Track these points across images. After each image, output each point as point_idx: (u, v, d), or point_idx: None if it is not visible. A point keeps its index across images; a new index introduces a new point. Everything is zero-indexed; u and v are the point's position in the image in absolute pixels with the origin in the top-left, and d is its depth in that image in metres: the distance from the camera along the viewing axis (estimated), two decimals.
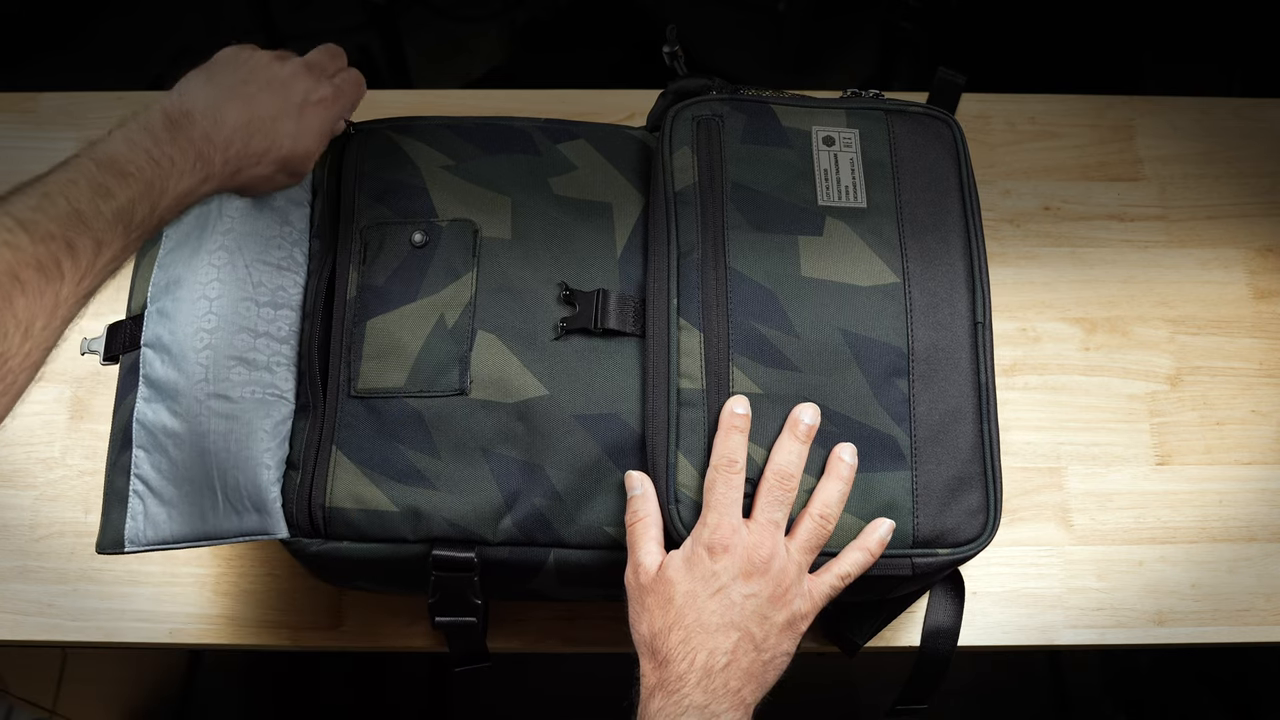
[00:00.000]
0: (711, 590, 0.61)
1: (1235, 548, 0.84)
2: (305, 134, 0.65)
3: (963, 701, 1.40)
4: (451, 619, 0.69)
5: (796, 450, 0.64)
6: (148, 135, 0.58)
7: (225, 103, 0.61)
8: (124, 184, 0.55)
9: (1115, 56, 1.58)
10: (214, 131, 0.60)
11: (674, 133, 0.73)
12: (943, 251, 0.70)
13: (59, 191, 0.54)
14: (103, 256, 0.54)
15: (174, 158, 0.58)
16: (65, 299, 0.52)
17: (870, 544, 0.64)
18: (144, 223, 0.56)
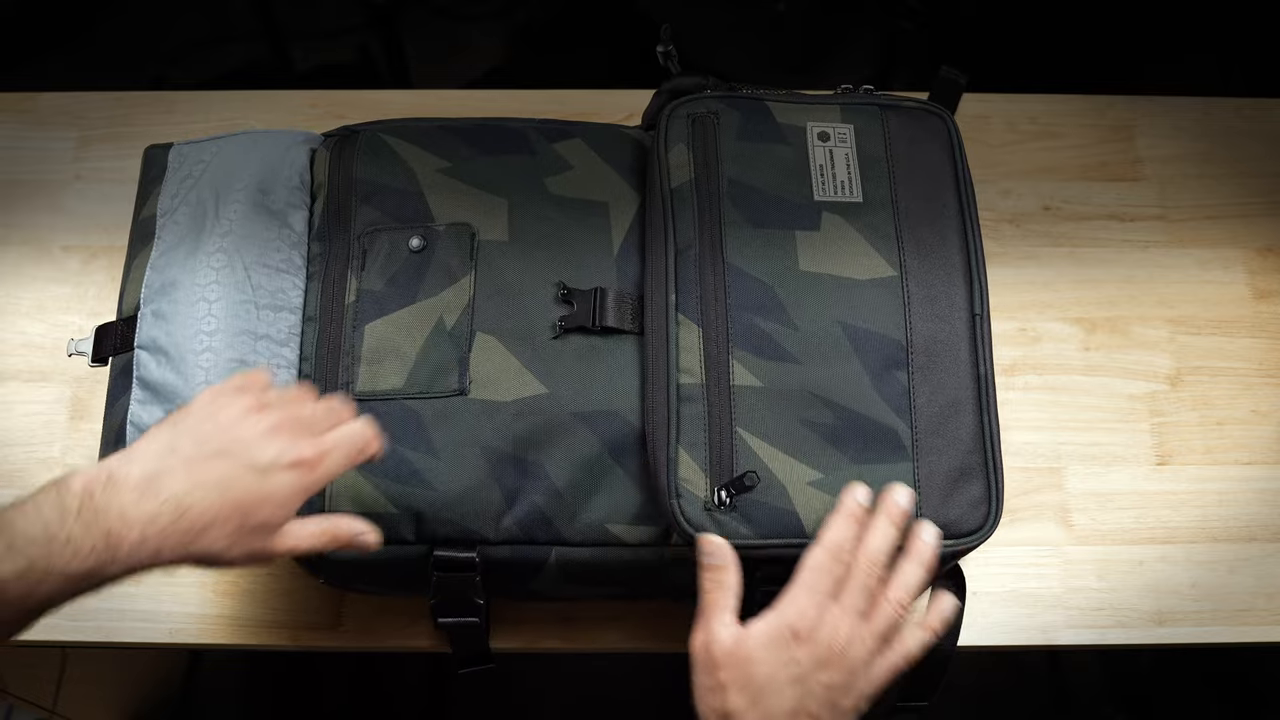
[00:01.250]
0: (791, 676, 0.59)
1: (1235, 548, 0.84)
2: (264, 503, 0.54)
3: (963, 701, 1.40)
4: (454, 620, 0.70)
5: (890, 537, 0.62)
6: (55, 508, 0.51)
7: (165, 473, 0.53)
8: (6, 558, 0.49)
9: (1115, 56, 1.58)
10: (135, 507, 0.52)
11: (669, 130, 0.73)
12: (939, 244, 0.71)
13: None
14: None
15: (73, 535, 0.50)
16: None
17: (931, 621, 0.64)
18: (19, 601, 0.50)
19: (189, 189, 0.73)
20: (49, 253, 0.91)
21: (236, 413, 0.57)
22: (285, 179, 0.74)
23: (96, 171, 0.94)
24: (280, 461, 0.55)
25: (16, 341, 0.88)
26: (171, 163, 0.76)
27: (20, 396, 0.87)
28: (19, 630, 0.52)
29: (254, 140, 0.76)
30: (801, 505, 0.65)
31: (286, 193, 0.73)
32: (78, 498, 0.51)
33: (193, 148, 0.76)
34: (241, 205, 0.72)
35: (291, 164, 0.75)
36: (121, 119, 0.96)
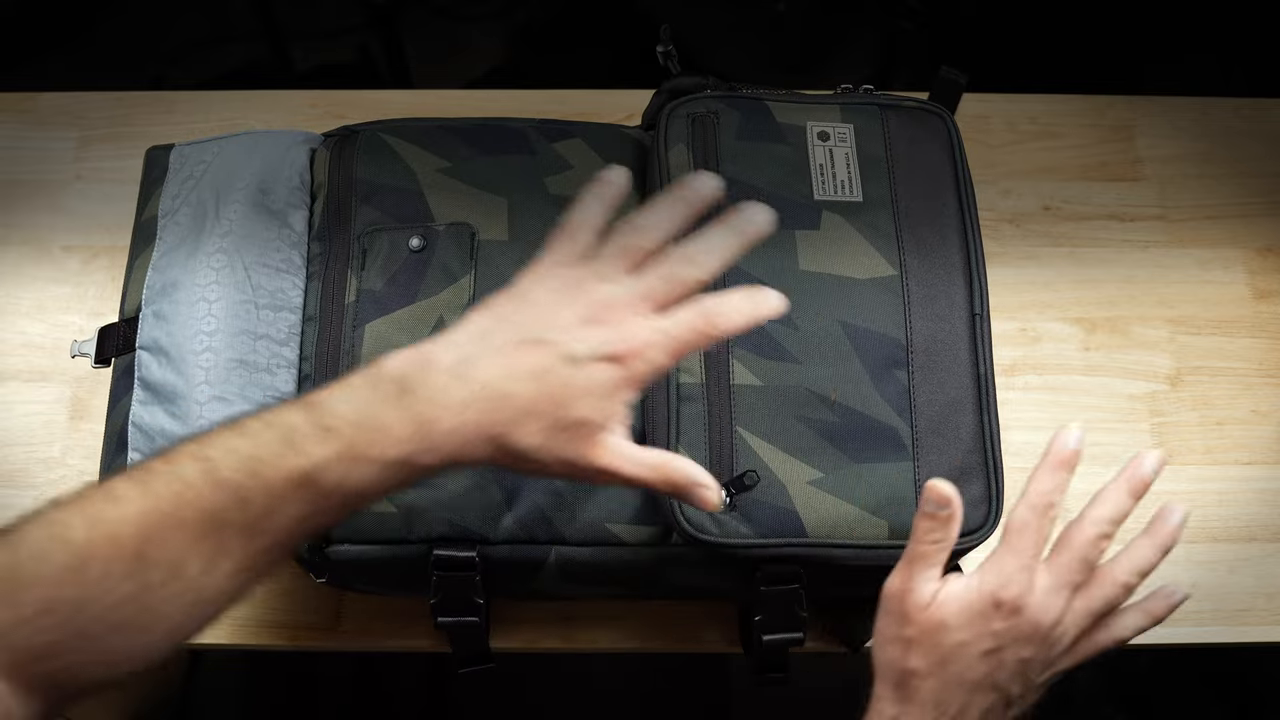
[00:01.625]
0: (985, 648, 0.54)
1: (1235, 548, 0.84)
2: (582, 396, 0.50)
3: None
4: (454, 619, 0.69)
5: (1124, 508, 0.56)
6: (371, 388, 0.49)
7: (478, 358, 0.50)
8: (320, 441, 0.48)
9: (1115, 56, 1.58)
10: (448, 393, 0.49)
11: (669, 130, 0.73)
12: (939, 244, 0.71)
13: (252, 432, 0.48)
14: (282, 515, 0.47)
15: (388, 421, 0.48)
16: (232, 550, 0.47)
17: (1155, 608, 0.58)
18: (336, 489, 0.48)
19: (190, 189, 0.74)
20: (49, 253, 0.92)
21: (557, 294, 0.52)
22: (285, 179, 0.74)
23: (97, 171, 0.94)
24: (598, 353, 0.50)
25: (16, 341, 0.88)
26: (173, 164, 0.76)
27: (20, 396, 0.87)
28: (330, 522, 0.50)
29: (254, 140, 0.76)
30: (801, 505, 0.65)
31: (286, 192, 0.73)
32: (393, 382, 0.49)
33: (194, 148, 0.76)
34: (242, 205, 0.72)
35: (291, 164, 0.75)
36: (122, 119, 0.96)
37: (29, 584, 0.45)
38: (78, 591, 0.45)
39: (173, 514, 0.46)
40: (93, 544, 0.45)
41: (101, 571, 0.45)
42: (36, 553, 0.45)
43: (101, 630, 0.46)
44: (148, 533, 0.46)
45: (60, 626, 0.45)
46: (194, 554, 0.47)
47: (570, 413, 0.50)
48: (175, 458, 0.48)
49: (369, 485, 0.49)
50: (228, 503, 0.47)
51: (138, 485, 0.47)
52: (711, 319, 0.51)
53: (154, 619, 0.47)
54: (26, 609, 0.44)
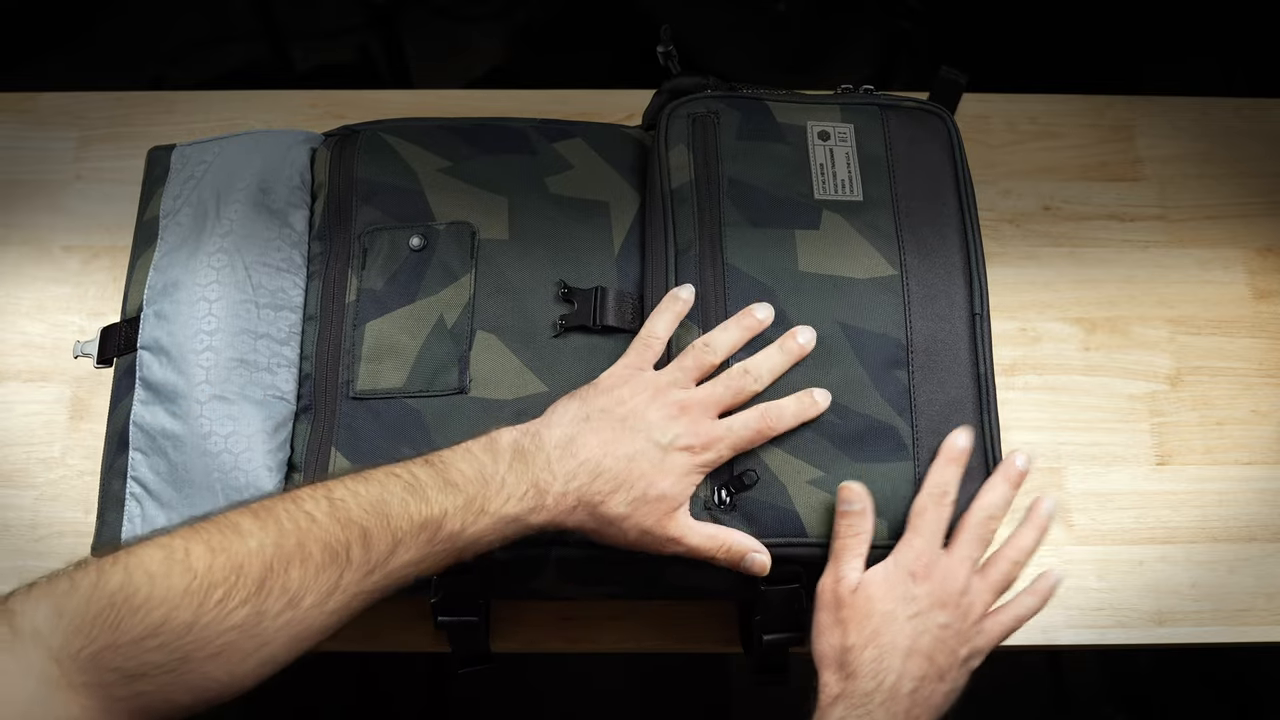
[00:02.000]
0: (909, 613, 0.62)
1: (1235, 548, 0.84)
2: (664, 475, 0.60)
3: (963, 701, 1.40)
4: (455, 619, 0.70)
5: (1006, 495, 0.66)
6: (489, 454, 0.57)
7: (580, 437, 0.59)
8: (444, 492, 0.54)
9: (1115, 56, 1.58)
10: (558, 463, 0.58)
11: (670, 130, 0.73)
12: (939, 244, 0.71)
13: (378, 480, 0.53)
14: (399, 557, 0.53)
15: (506, 480, 0.56)
16: (346, 586, 0.51)
17: (1041, 587, 0.67)
18: (452, 537, 0.54)
19: (191, 190, 0.74)
20: (49, 253, 0.92)
21: (643, 394, 0.62)
22: (286, 178, 0.74)
23: (97, 171, 0.94)
24: (677, 443, 0.61)
25: (16, 341, 0.88)
26: (174, 164, 0.76)
27: (20, 396, 0.87)
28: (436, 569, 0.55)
29: (255, 140, 0.76)
30: (801, 504, 0.65)
31: (287, 192, 0.73)
32: (509, 449, 0.57)
33: (195, 148, 0.76)
34: (242, 205, 0.72)
35: (292, 163, 0.75)
36: (122, 119, 0.96)
37: (141, 606, 0.46)
38: (193, 615, 0.47)
39: (299, 547, 0.50)
40: (214, 570, 0.48)
41: (221, 597, 0.47)
42: (154, 575, 0.47)
43: (204, 655, 0.47)
44: (271, 563, 0.49)
45: (164, 648, 0.46)
46: (312, 587, 0.50)
47: (654, 488, 0.60)
48: (299, 496, 0.52)
49: (482, 536, 0.56)
50: (353, 540, 0.51)
51: (260, 519, 0.50)
52: (769, 421, 0.64)
53: (256, 646, 0.49)
54: (135, 630, 0.45)
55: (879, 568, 0.63)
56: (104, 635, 0.45)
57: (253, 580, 0.48)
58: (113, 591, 0.46)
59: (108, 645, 0.45)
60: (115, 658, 0.45)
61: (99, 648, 0.45)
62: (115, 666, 0.45)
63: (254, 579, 0.48)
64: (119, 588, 0.46)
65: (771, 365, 0.65)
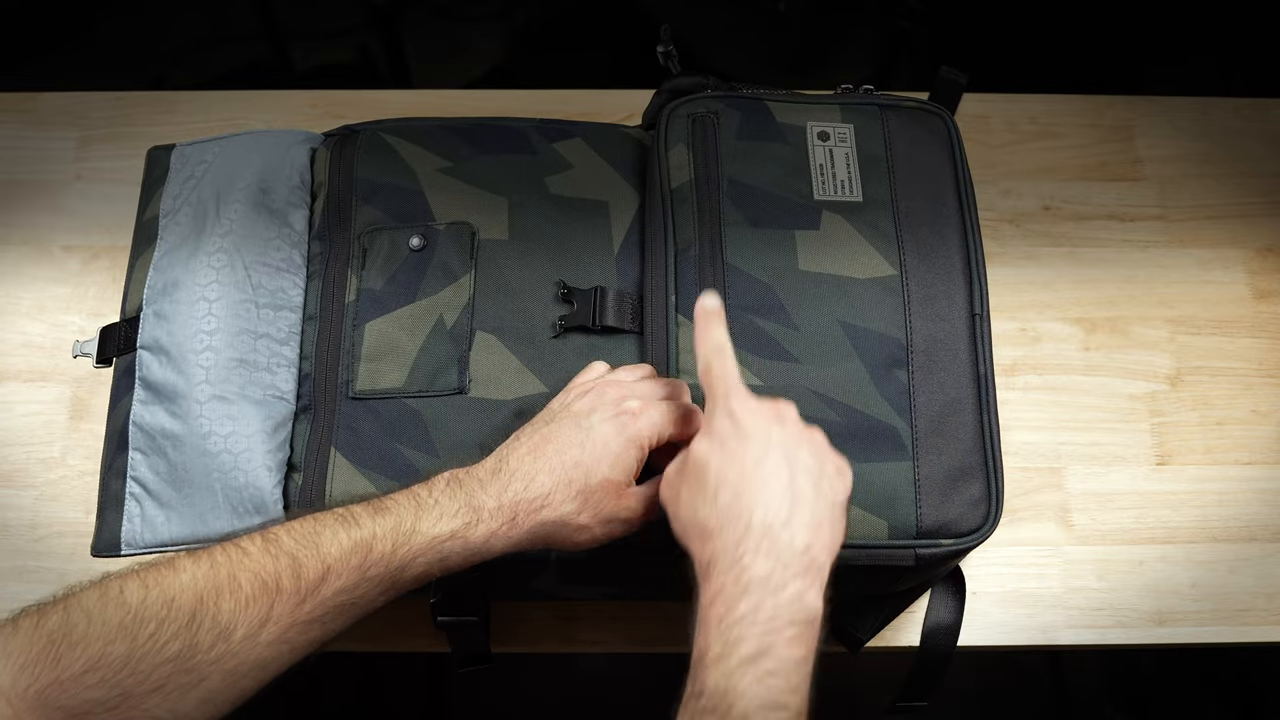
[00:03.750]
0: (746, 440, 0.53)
1: (1235, 548, 0.84)
2: (598, 460, 0.57)
3: (963, 701, 1.40)
4: (454, 619, 0.70)
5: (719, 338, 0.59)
6: (424, 487, 0.57)
7: (510, 453, 0.58)
8: (375, 517, 0.54)
9: (1115, 56, 1.58)
10: (490, 480, 0.57)
11: (669, 130, 0.73)
12: (939, 244, 0.71)
13: (312, 517, 0.54)
14: (329, 585, 0.52)
15: (439, 501, 0.55)
16: (278, 616, 0.51)
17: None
18: (384, 560, 0.53)
19: (191, 189, 0.74)
20: (49, 253, 0.92)
21: (585, 396, 0.60)
22: (286, 178, 0.74)
23: (97, 171, 0.94)
24: (603, 415, 0.58)
25: (16, 341, 0.88)
26: (174, 163, 0.76)
27: (20, 396, 0.87)
28: (367, 600, 0.54)
29: (255, 140, 0.76)
30: None
31: (287, 192, 0.73)
32: (444, 480, 0.57)
33: (195, 148, 0.76)
34: (242, 205, 0.72)
35: (292, 163, 0.75)
36: (122, 119, 0.96)
37: (79, 642, 0.47)
38: (128, 648, 0.47)
39: (229, 578, 0.50)
40: (148, 605, 0.48)
41: (154, 630, 0.48)
42: (90, 612, 0.48)
43: (143, 690, 0.48)
44: (203, 595, 0.49)
45: (104, 684, 0.47)
46: (242, 618, 0.50)
47: (593, 476, 0.57)
48: (239, 539, 0.52)
49: (416, 557, 0.54)
50: (282, 570, 0.51)
51: (196, 557, 0.51)
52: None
53: (193, 681, 0.49)
54: (75, 666, 0.46)
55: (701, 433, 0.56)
56: (46, 672, 0.46)
57: (184, 613, 0.49)
58: (51, 630, 0.47)
59: (51, 682, 0.46)
60: (60, 695, 0.46)
61: (43, 685, 0.46)
62: (60, 704, 0.46)
63: (185, 611, 0.49)
64: (57, 626, 0.47)
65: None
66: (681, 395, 0.62)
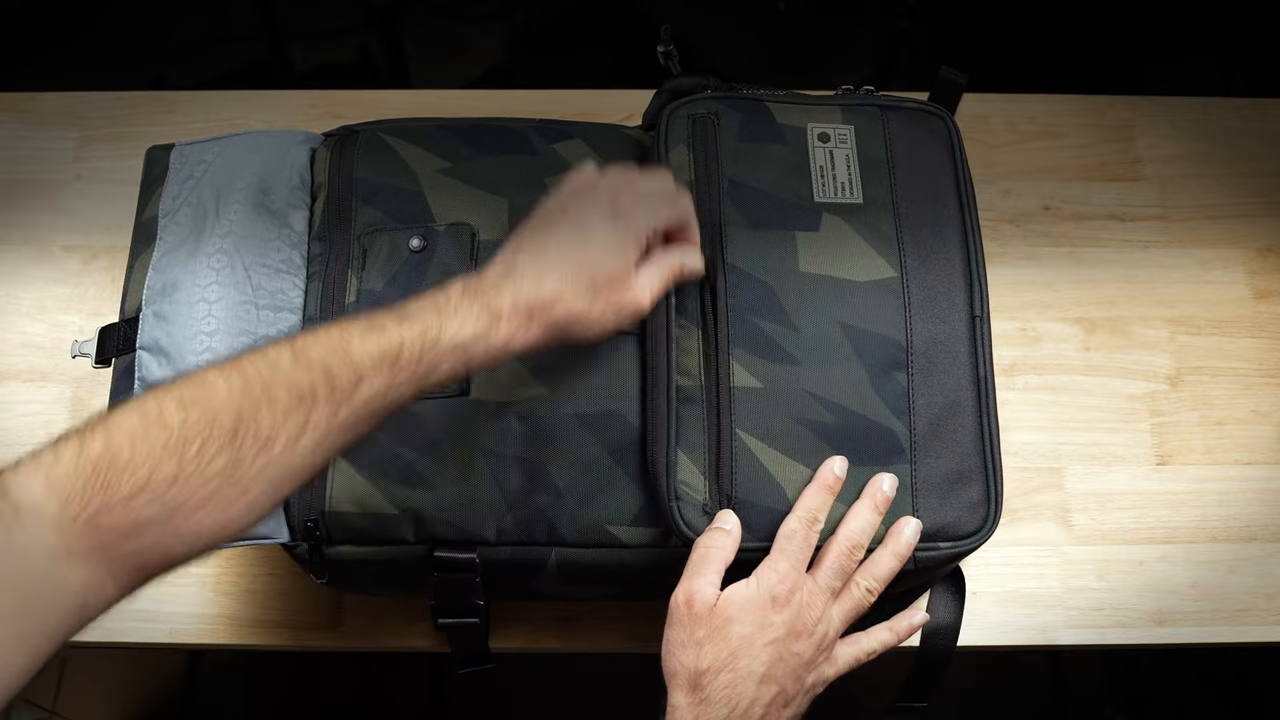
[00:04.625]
0: (766, 640, 0.61)
1: (1235, 548, 0.84)
2: (601, 255, 0.60)
3: (963, 701, 1.40)
4: (454, 620, 0.70)
5: (871, 521, 0.65)
6: (440, 293, 0.58)
7: (516, 256, 0.60)
8: (400, 324, 0.56)
9: (1115, 56, 1.58)
10: (502, 282, 0.58)
11: (669, 131, 0.73)
12: (939, 246, 0.71)
13: (338, 326, 0.55)
14: (362, 392, 0.54)
15: (459, 308, 0.57)
16: (315, 424, 0.52)
17: (899, 626, 0.67)
18: (411, 363, 0.55)
19: (190, 189, 0.73)
20: (49, 253, 0.92)
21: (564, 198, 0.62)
22: (285, 179, 0.74)
23: (97, 171, 0.94)
24: (599, 214, 0.61)
25: (16, 341, 0.88)
26: (173, 163, 0.76)
27: (20, 396, 0.87)
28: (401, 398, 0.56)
29: (255, 140, 0.76)
30: None
31: (287, 192, 0.73)
32: (457, 287, 0.58)
33: (194, 148, 0.76)
34: (242, 205, 0.72)
35: (292, 164, 0.74)
36: (122, 119, 0.96)
37: (125, 466, 0.47)
38: (175, 468, 0.48)
39: (265, 392, 0.51)
40: (189, 424, 0.49)
41: (199, 448, 0.49)
42: (133, 435, 0.48)
43: (191, 505, 0.49)
44: (241, 410, 0.50)
45: (152, 504, 0.48)
46: (282, 428, 0.51)
47: (601, 270, 0.60)
48: (263, 350, 0.53)
49: (441, 361, 0.56)
50: (317, 380, 0.52)
51: (227, 373, 0.52)
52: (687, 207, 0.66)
53: (239, 492, 0.50)
54: (124, 489, 0.47)
55: (740, 587, 0.62)
56: (96, 498, 0.47)
57: (226, 429, 0.50)
58: (97, 457, 0.47)
59: (101, 507, 0.47)
60: (109, 518, 0.47)
61: (94, 510, 0.47)
62: (111, 527, 0.47)
63: (227, 428, 0.50)
64: (103, 452, 0.47)
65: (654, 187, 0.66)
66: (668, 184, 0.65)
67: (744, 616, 0.61)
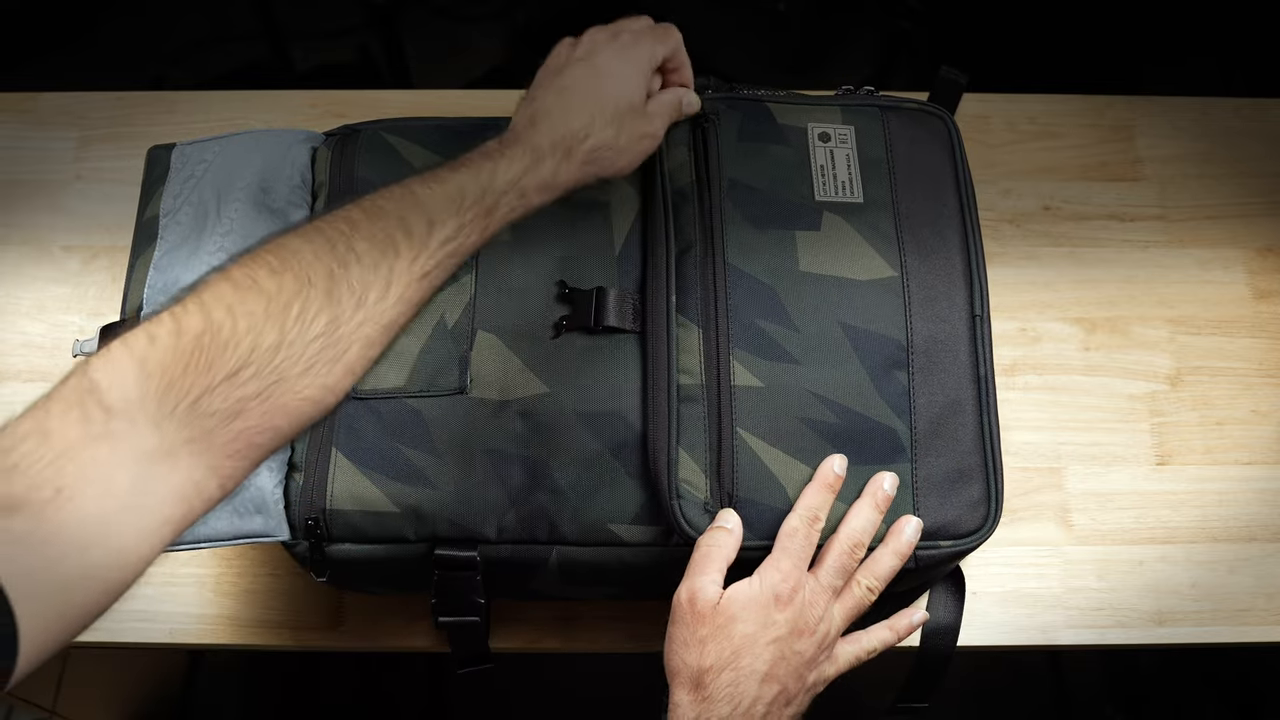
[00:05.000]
0: (769, 639, 0.61)
1: (1235, 548, 0.84)
2: (620, 83, 0.65)
3: (963, 701, 1.40)
4: (454, 619, 0.70)
5: (872, 520, 0.65)
6: (481, 146, 0.62)
7: (538, 98, 0.65)
8: (455, 171, 0.59)
9: (1115, 56, 1.58)
10: (534, 123, 0.63)
11: (670, 131, 0.73)
12: (940, 245, 0.71)
13: (398, 183, 0.56)
14: (436, 235, 0.55)
15: (503, 150, 0.61)
16: (399, 274, 0.53)
17: (899, 625, 0.67)
18: (476, 203, 0.58)
19: (191, 189, 0.73)
20: (49, 253, 0.92)
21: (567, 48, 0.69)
22: (286, 178, 0.74)
23: (97, 171, 0.94)
24: (606, 52, 0.66)
25: (16, 341, 0.88)
26: (174, 163, 0.76)
27: (20, 396, 0.86)
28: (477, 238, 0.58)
29: (256, 139, 0.76)
30: None
31: (288, 191, 0.73)
32: (493, 141, 0.63)
33: (195, 147, 0.76)
34: (243, 204, 0.72)
35: (293, 163, 0.75)
36: (122, 119, 0.96)
37: (229, 340, 0.45)
38: (278, 335, 0.47)
39: (349, 249, 0.51)
40: (284, 287, 0.48)
41: (299, 310, 0.48)
42: (232, 306, 0.46)
43: (295, 373, 0.48)
44: (332, 269, 0.50)
45: (259, 376, 0.46)
46: (373, 282, 0.51)
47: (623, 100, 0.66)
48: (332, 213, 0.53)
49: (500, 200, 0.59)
50: (393, 230, 0.53)
51: (306, 235, 0.51)
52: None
53: (338, 353, 0.50)
54: (229, 365, 0.45)
55: (743, 585, 0.62)
56: (199, 381, 0.44)
57: (321, 289, 0.49)
58: (198, 334, 0.45)
59: (205, 390, 0.44)
60: (213, 401, 0.45)
61: (196, 395, 0.44)
62: (214, 410, 0.45)
63: (322, 287, 0.49)
64: (202, 329, 0.45)
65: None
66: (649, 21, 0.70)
67: (747, 615, 0.61)
